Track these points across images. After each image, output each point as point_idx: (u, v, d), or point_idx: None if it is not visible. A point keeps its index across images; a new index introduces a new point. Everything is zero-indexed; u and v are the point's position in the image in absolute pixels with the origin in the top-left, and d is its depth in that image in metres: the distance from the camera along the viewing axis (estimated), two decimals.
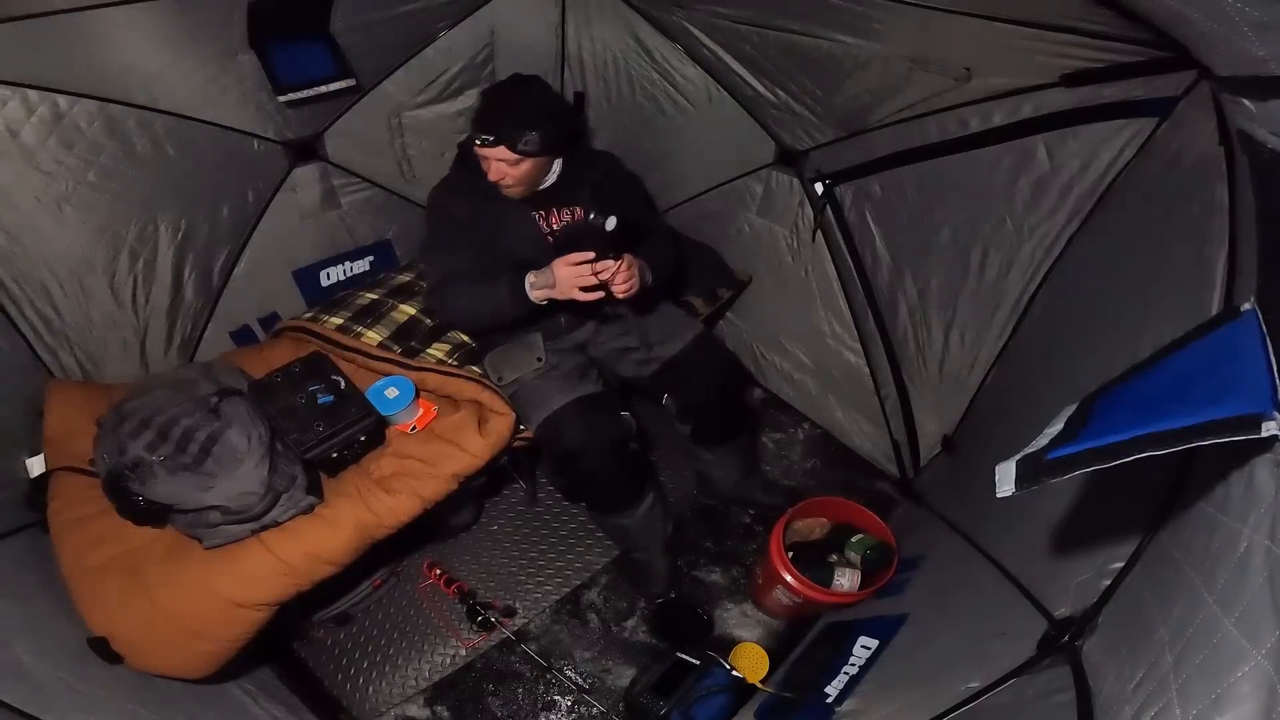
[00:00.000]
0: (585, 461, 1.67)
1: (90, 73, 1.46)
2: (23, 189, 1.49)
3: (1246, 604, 0.63)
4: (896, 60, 1.48)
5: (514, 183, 1.65)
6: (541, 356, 1.74)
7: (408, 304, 1.94)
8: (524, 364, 1.74)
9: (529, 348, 1.76)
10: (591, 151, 2.00)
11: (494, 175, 1.63)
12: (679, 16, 1.87)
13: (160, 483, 1.32)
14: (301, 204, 2.02)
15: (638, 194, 1.98)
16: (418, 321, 1.90)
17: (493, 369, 1.77)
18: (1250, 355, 0.65)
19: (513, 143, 1.57)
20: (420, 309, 1.94)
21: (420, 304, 1.95)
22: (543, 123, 1.58)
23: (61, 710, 1.06)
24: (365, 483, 1.53)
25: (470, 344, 1.89)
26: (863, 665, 1.47)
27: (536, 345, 1.76)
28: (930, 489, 2.05)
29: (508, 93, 1.62)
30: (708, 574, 2.06)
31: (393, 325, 1.87)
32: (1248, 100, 0.82)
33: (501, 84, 1.67)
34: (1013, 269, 1.58)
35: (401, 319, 1.90)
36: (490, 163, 1.61)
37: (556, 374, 1.74)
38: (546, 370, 1.74)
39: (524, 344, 1.77)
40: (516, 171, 1.62)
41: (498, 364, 1.77)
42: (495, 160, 1.60)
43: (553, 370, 1.74)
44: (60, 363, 1.74)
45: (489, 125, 1.57)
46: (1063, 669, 0.95)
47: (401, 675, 1.82)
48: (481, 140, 1.58)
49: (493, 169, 1.62)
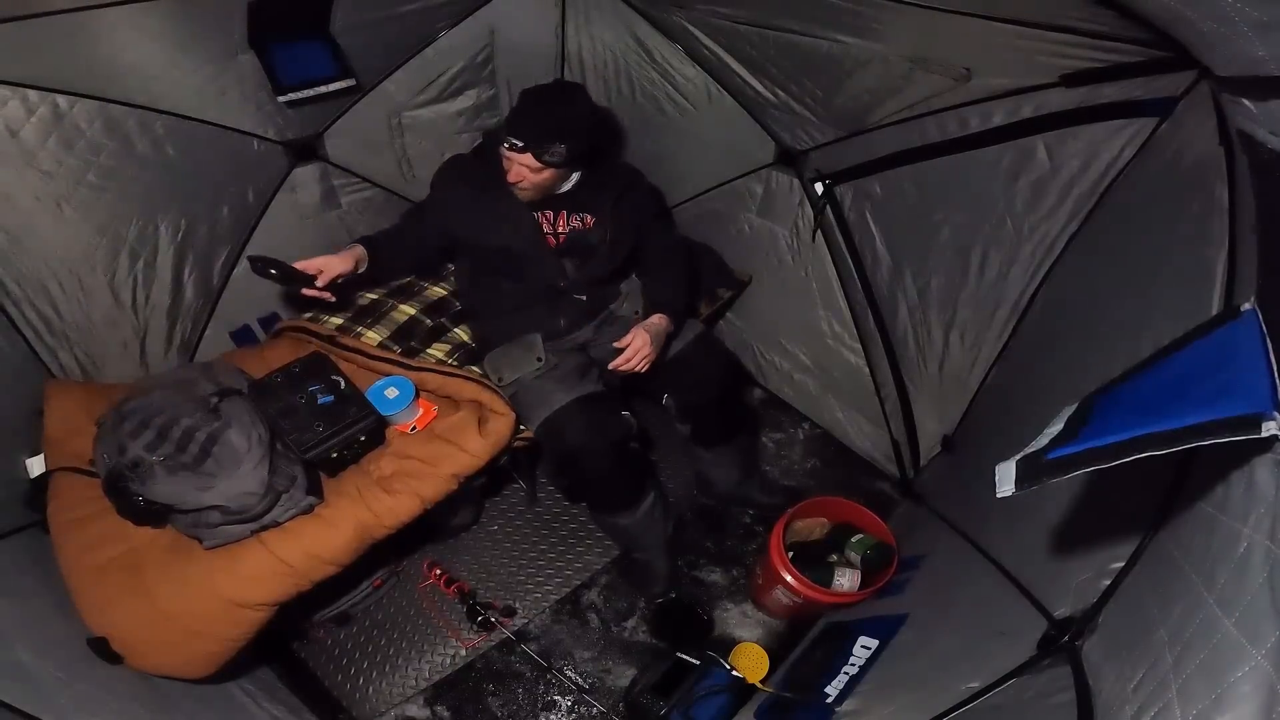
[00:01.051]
0: (586, 461, 1.67)
1: (90, 73, 1.46)
2: (23, 189, 1.48)
3: (1246, 604, 0.63)
4: (896, 60, 1.48)
5: (530, 187, 1.64)
6: (541, 357, 1.74)
7: (408, 304, 1.94)
8: (524, 364, 1.73)
9: (529, 348, 1.75)
10: (615, 163, 1.96)
11: (513, 177, 1.62)
12: (679, 16, 1.87)
13: (160, 483, 1.32)
14: (301, 204, 2.02)
15: (657, 210, 1.97)
16: (417, 321, 1.90)
17: (493, 369, 1.76)
18: (1250, 355, 0.65)
19: (540, 153, 1.56)
20: (420, 309, 1.94)
21: (420, 304, 1.95)
22: (574, 136, 1.57)
23: (61, 710, 1.06)
24: (365, 483, 1.53)
25: (470, 344, 1.89)
26: (863, 665, 1.47)
27: (536, 346, 1.75)
28: (930, 489, 2.05)
29: (548, 101, 1.59)
30: (708, 574, 2.06)
31: (393, 325, 1.87)
32: (1248, 100, 0.82)
33: (545, 89, 1.63)
34: (1013, 269, 1.58)
35: (401, 319, 1.90)
36: (512, 164, 1.60)
37: (557, 374, 1.73)
38: (547, 370, 1.73)
39: (524, 344, 1.76)
40: (536, 178, 1.61)
41: (498, 364, 1.76)
42: (518, 163, 1.59)
43: (553, 370, 1.74)
44: (60, 363, 1.74)
45: (521, 130, 1.56)
46: (1063, 669, 0.95)
47: (401, 675, 1.82)
48: (510, 144, 1.57)
49: (513, 170, 1.61)
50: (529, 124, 1.56)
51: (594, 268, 1.80)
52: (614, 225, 1.76)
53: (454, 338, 1.90)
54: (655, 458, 2.28)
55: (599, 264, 1.80)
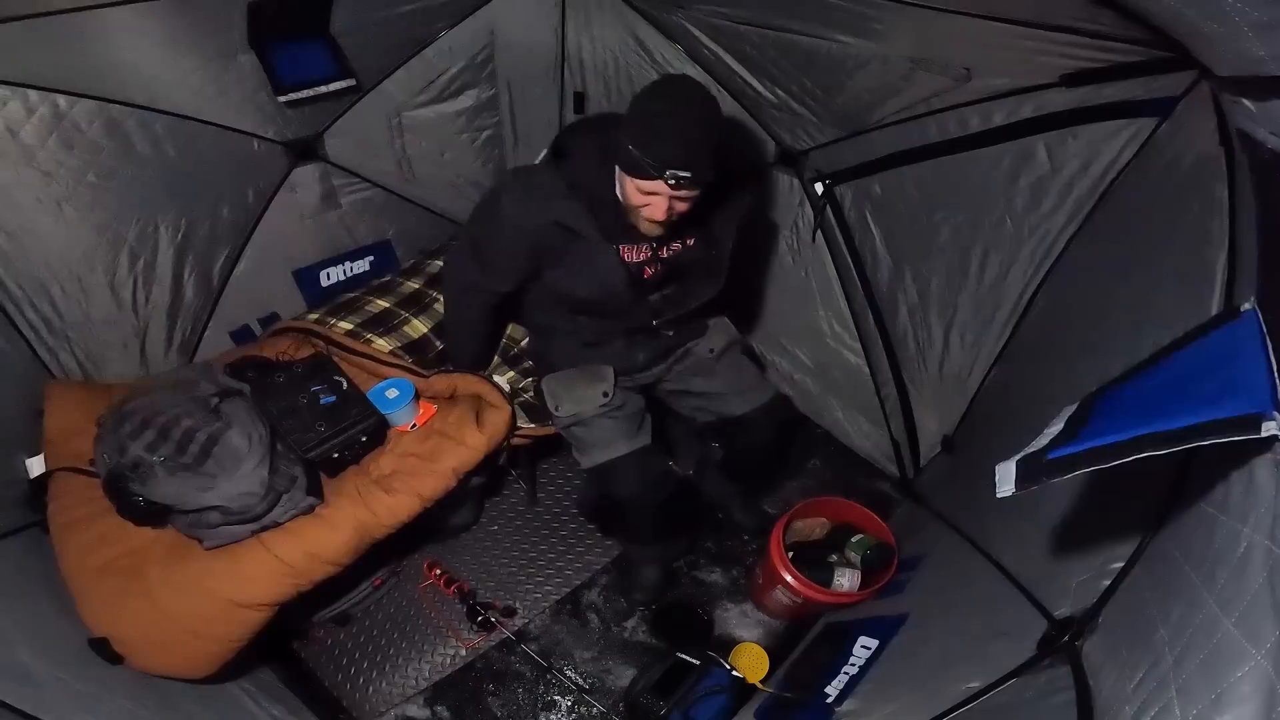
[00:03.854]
0: (632, 514, 1.66)
1: (90, 73, 1.46)
2: (23, 189, 1.49)
3: (1246, 604, 0.63)
4: (896, 60, 1.48)
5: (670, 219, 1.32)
6: (609, 393, 1.59)
7: (420, 319, 1.92)
8: (589, 399, 1.58)
9: (597, 381, 1.59)
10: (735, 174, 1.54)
11: (659, 214, 1.29)
12: (679, 17, 1.87)
13: (160, 483, 1.32)
14: (301, 204, 2.02)
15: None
16: (429, 342, 1.88)
17: (550, 395, 1.63)
18: (1250, 355, 0.65)
19: (707, 181, 1.26)
20: (431, 327, 1.92)
21: (431, 321, 1.93)
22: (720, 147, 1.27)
23: (61, 710, 1.06)
24: (365, 482, 1.53)
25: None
26: (863, 665, 1.47)
27: (607, 380, 1.59)
28: (930, 489, 2.05)
29: (700, 121, 1.25)
30: (708, 574, 2.06)
31: (404, 339, 1.85)
32: (1248, 100, 0.82)
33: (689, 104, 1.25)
34: (1013, 269, 1.58)
35: (414, 335, 1.88)
36: (656, 199, 1.27)
37: (620, 414, 1.61)
38: (611, 409, 1.60)
39: (592, 375, 1.60)
40: (684, 208, 1.31)
41: (557, 393, 1.61)
42: (676, 199, 1.27)
43: (616, 410, 1.60)
44: (60, 363, 1.74)
45: (687, 160, 1.22)
46: (1063, 669, 0.95)
47: (401, 675, 1.82)
48: (677, 179, 1.23)
49: (661, 207, 1.28)
50: (692, 152, 1.23)
51: (692, 296, 1.59)
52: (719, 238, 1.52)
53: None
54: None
55: (698, 289, 1.58)
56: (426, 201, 2.31)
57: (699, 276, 1.59)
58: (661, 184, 1.25)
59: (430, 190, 2.29)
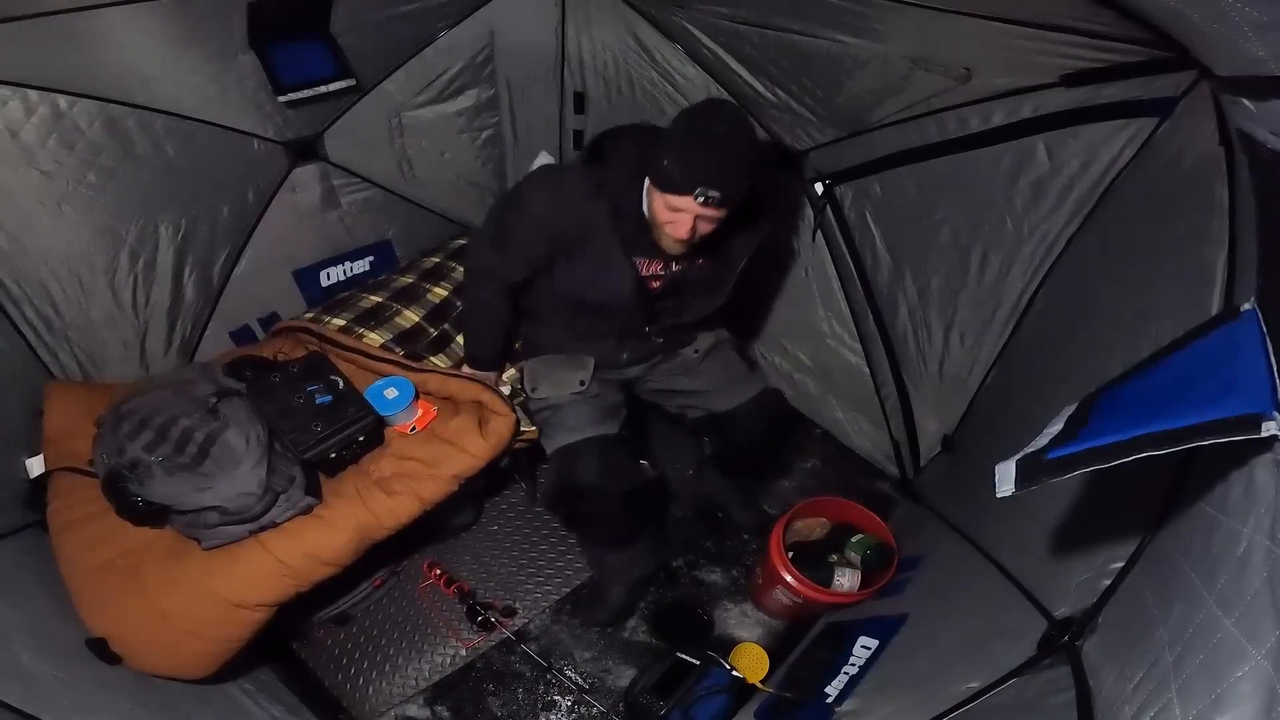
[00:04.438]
0: (592, 504, 1.62)
1: (90, 73, 1.46)
2: (23, 189, 1.49)
3: (1246, 604, 0.63)
4: (896, 60, 1.48)
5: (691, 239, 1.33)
6: (585, 381, 1.62)
7: (411, 309, 1.93)
8: (565, 385, 1.62)
9: (577, 369, 1.63)
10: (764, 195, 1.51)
11: (684, 233, 1.29)
12: (679, 17, 1.87)
13: (158, 483, 1.32)
14: (301, 204, 2.02)
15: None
16: (421, 330, 1.89)
17: (530, 376, 1.67)
18: (1250, 355, 0.65)
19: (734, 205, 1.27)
20: (423, 316, 1.92)
21: (423, 309, 1.95)
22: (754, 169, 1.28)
23: (61, 710, 1.06)
24: (364, 483, 1.53)
25: None
26: (863, 665, 1.47)
27: (586, 369, 1.63)
28: (930, 489, 2.05)
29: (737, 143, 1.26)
30: (708, 574, 2.06)
31: (395, 330, 1.86)
32: (1248, 100, 0.82)
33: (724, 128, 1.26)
34: (1013, 269, 1.58)
35: (405, 325, 1.88)
36: (682, 216, 1.27)
37: (594, 404, 1.63)
38: (586, 397, 1.62)
39: (573, 363, 1.64)
40: (708, 229, 1.32)
41: (537, 375, 1.66)
42: (704, 218, 1.28)
43: (591, 399, 1.63)
44: (60, 363, 1.74)
45: (719, 179, 1.23)
46: (1063, 669, 0.95)
47: (401, 675, 1.82)
48: (707, 198, 1.23)
49: (681, 224, 1.28)
50: (731, 175, 1.24)
51: (690, 310, 1.62)
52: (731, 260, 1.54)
53: (456, 351, 1.88)
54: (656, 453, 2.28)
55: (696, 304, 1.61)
56: (426, 201, 2.31)
57: (700, 293, 1.61)
58: (690, 200, 1.25)
59: (430, 190, 2.29)
